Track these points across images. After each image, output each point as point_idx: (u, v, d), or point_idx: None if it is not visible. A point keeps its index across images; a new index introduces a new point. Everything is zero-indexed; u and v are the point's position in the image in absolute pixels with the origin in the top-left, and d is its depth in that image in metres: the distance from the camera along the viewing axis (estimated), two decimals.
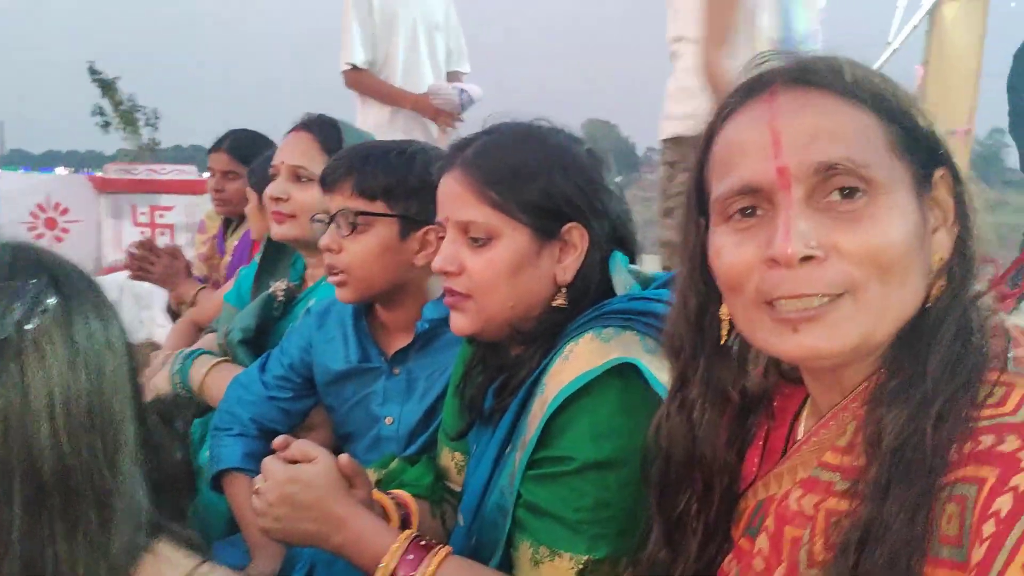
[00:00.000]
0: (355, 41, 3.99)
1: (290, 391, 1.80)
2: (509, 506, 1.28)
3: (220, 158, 3.34)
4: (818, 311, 0.83)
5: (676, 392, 1.05)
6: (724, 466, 1.03)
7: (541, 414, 1.22)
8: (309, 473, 1.29)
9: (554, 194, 1.29)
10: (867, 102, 0.85)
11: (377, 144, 1.73)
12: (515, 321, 1.32)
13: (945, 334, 0.82)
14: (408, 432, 1.70)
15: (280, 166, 2.08)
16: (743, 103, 0.90)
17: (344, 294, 1.68)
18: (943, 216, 0.87)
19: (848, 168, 0.81)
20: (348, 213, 1.65)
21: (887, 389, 0.83)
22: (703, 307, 1.00)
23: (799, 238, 0.81)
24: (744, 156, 0.87)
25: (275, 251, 2.29)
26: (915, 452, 0.77)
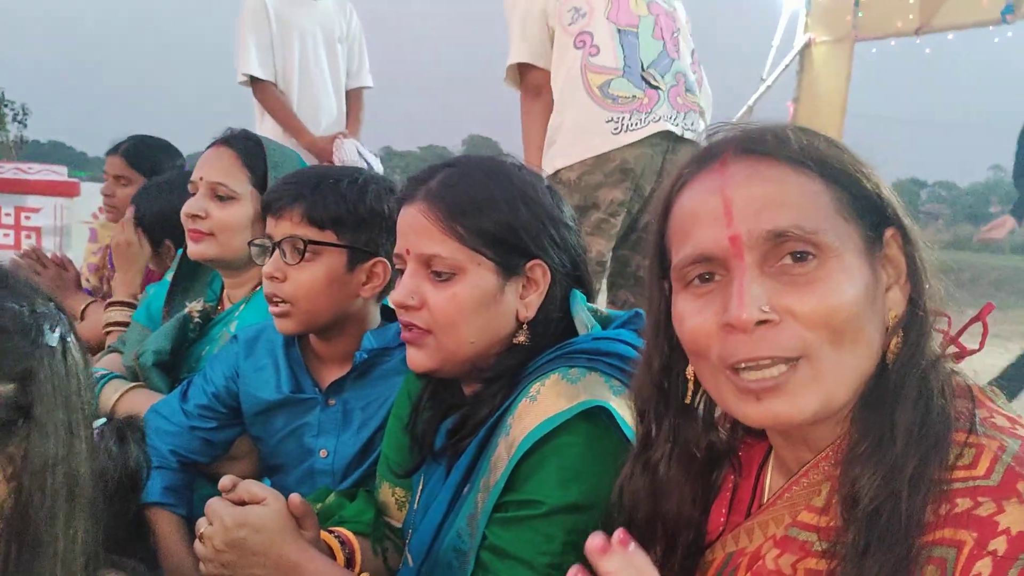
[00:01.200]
0: (251, 51, 3.87)
1: (213, 421, 1.71)
2: (467, 548, 1.25)
3: (115, 162, 3.16)
4: (777, 381, 0.86)
5: (640, 452, 1.06)
6: (688, 522, 1.05)
7: (507, 456, 1.20)
8: (259, 516, 1.23)
9: (519, 230, 1.28)
10: (814, 168, 0.88)
11: (327, 171, 1.67)
12: (475, 358, 1.30)
13: (908, 396, 0.85)
14: (344, 465, 1.65)
15: (199, 182, 1.98)
16: (696, 173, 0.94)
17: (286, 325, 1.61)
18: (896, 274, 0.90)
19: (797, 235, 0.85)
20: (296, 240, 1.58)
21: (859, 451, 0.86)
22: (667, 368, 1.03)
23: (753, 303, 0.84)
24: (698, 225, 0.90)
25: (190, 269, 2.17)
26: (891, 515, 0.80)
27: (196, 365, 2.00)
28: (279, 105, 3.94)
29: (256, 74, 3.87)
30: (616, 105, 2.86)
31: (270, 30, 3.92)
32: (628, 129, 2.85)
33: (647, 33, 2.94)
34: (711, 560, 1.03)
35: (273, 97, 3.94)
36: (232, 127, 2.06)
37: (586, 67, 2.90)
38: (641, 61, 2.90)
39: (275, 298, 1.60)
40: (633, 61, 2.90)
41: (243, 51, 3.89)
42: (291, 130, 3.90)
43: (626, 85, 2.87)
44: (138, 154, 3.16)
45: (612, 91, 2.87)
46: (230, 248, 1.98)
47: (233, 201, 1.97)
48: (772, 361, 0.85)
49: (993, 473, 0.78)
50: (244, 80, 3.93)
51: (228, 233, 1.97)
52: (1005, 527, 0.74)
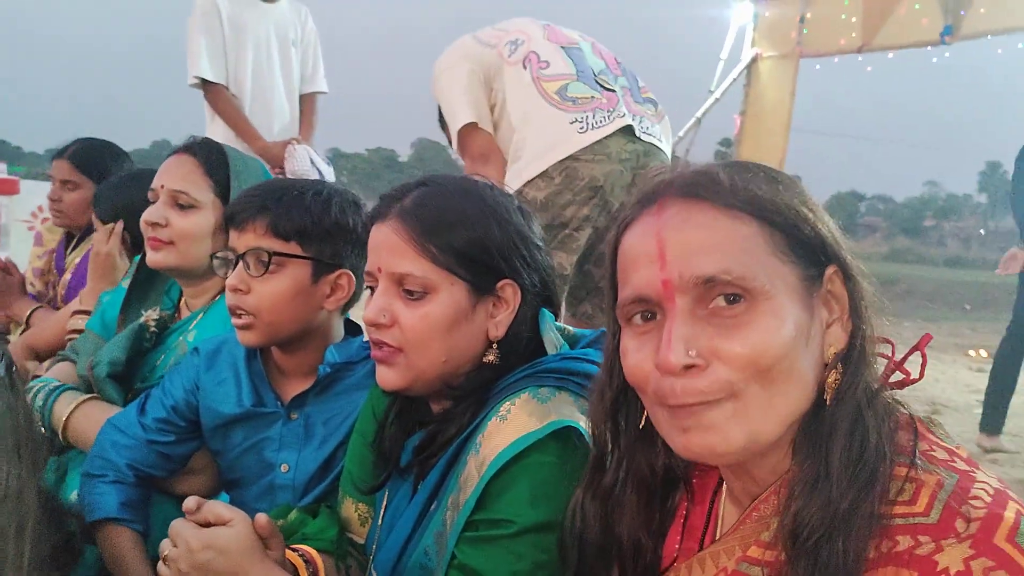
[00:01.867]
0: (202, 54, 3.80)
1: (172, 435, 1.69)
2: (433, 565, 1.26)
3: (61, 166, 3.08)
4: (700, 410, 0.88)
5: (592, 477, 1.09)
6: (640, 547, 1.07)
7: (478, 475, 1.21)
8: (225, 538, 1.21)
9: (491, 249, 1.29)
10: (748, 211, 0.90)
11: (291, 183, 1.66)
12: (445, 376, 1.31)
13: (841, 431, 0.87)
14: (305, 480, 1.64)
15: (160, 190, 1.95)
16: (638, 215, 0.96)
17: (249, 338, 1.59)
18: (839, 310, 0.92)
19: (726, 280, 0.87)
20: (261, 252, 1.57)
21: (797, 487, 0.88)
22: (617, 400, 1.05)
23: (680, 348, 0.87)
24: (636, 267, 0.93)
25: (147, 277, 2.13)
26: (830, 552, 0.82)
27: (151, 375, 1.97)
28: (231, 109, 3.88)
29: (207, 77, 3.81)
30: (577, 106, 2.86)
31: (222, 32, 3.86)
32: (593, 127, 2.84)
33: (588, 51, 2.99)
34: None
35: (225, 100, 3.88)
36: (195, 135, 2.04)
37: (539, 79, 2.91)
38: (591, 68, 2.93)
39: (238, 310, 1.58)
40: (584, 68, 2.92)
41: (194, 53, 3.82)
42: (243, 135, 3.85)
43: (583, 88, 2.87)
44: (85, 158, 3.09)
45: (570, 94, 2.88)
46: (190, 257, 1.95)
47: (194, 210, 1.94)
48: (700, 404, 0.88)
49: (932, 510, 0.80)
50: (195, 83, 3.86)
51: (188, 242, 1.94)
52: (944, 567, 0.76)
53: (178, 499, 1.72)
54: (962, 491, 0.81)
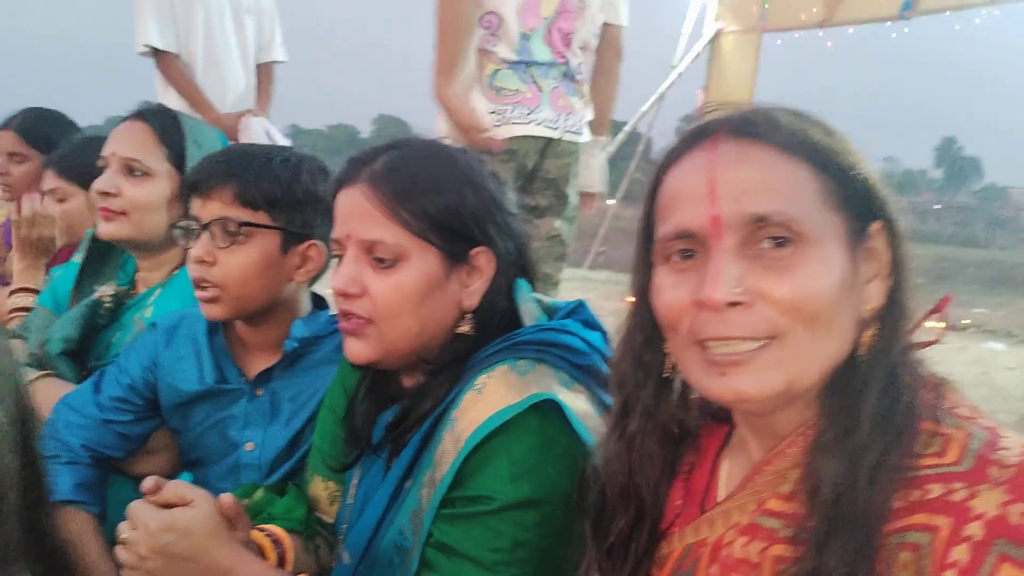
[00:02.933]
0: (149, 19, 3.65)
1: (129, 414, 1.61)
2: (409, 545, 1.21)
3: (7, 138, 2.96)
4: (744, 356, 0.86)
5: (617, 423, 1.05)
6: (657, 498, 1.04)
7: (454, 451, 1.16)
8: (186, 519, 1.15)
9: (465, 215, 1.23)
10: (803, 155, 0.88)
11: (258, 149, 1.57)
12: (418, 349, 1.25)
13: (874, 387, 0.86)
14: (271, 459, 1.57)
15: (111, 157, 1.86)
16: (687, 150, 0.93)
17: (214, 311, 1.52)
18: (878, 267, 0.91)
19: (778, 221, 0.85)
20: (228, 222, 1.49)
21: (823, 439, 0.87)
22: (648, 341, 1.02)
23: (726, 284, 0.85)
24: (683, 202, 0.90)
25: (100, 251, 2.04)
26: (851, 503, 0.81)
27: (106, 352, 1.89)
28: (182, 78, 3.73)
29: (156, 45, 3.66)
30: (499, 97, 2.93)
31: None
32: (510, 122, 2.91)
33: (539, 37, 2.97)
34: (668, 552, 1.02)
35: (175, 70, 3.73)
36: (149, 101, 1.95)
37: (484, 51, 2.94)
38: (531, 55, 2.94)
39: (203, 283, 1.51)
40: (524, 55, 2.94)
41: (141, 20, 3.66)
42: (195, 105, 3.71)
43: (511, 78, 2.93)
44: (32, 129, 2.97)
45: (497, 83, 2.93)
46: (144, 228, 1.87)
47: (147, 178, 1.86)
48: (741, 340, 0.86)
49: (964, 460, 0.79)
50: (144, 51, 3.71)
51: (142, 212, 1.86)
52: (980, 512, 0.74)
53: (137, 480, 1.65)
54: (992, 442, 0.80)
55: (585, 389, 1.24)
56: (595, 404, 1.23)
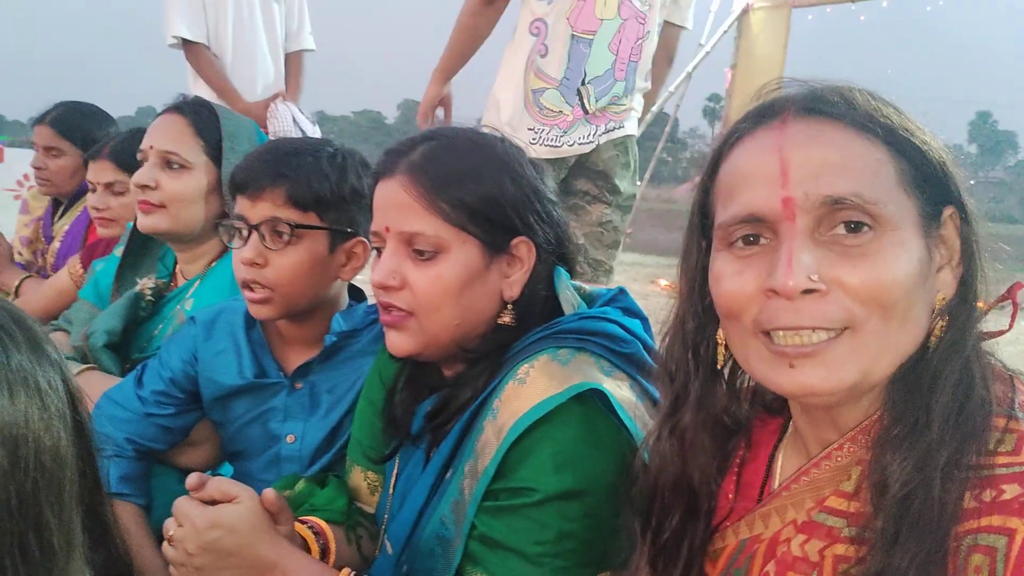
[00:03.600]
0: (178, 11, 3.66)
1: (171, 407, 1.62)
2: (452, 536, 1.21)
3: (42, 132, 2.99)
4: (816, 348, 0.82)
5: (669, 415, 1.02)
6: (711, 492, 1.02)
7: (496, 441, 1.16)
8: (232, 516, 1.16)
9: (505, 205, 1.22)
10: (879, 135, 0.84)
11: (304, 146, 1.55)
12: (459, 340, 1.25)
13: (948, 381, 0.82)
14: (312, 450, 1.58)
15: (149, 151, 1.87)
16: (753, 129, 0.89)
17: (264, 312, 1.52)
18: (948, 255, 0.87)
19: (856, 203, 0.80)
20: (280, 224, 1.48)
21: (891, 435, 0.83)
22: (700, 330, 0.98)
23: (801, 270, 0.80)
24: (750, 184, 0.86)
25: (140, 244, 2.06)
26: (923, 503, 0.77)
27: (148, 345, 1.92)
28: (212, 69, 3.74)
29: (185, 36, 3.66)
30: (541, 116, 2.90)
31: None
32: (544, 143, 2.90)
33: (602, 43, 2.87)
34: (722, 547, 1.00)
35: (205, 60, 3.74)
36: (184, 94, 1.96)
37: (531, 63, 2.89)
38: (585, 72, 2.88)
39: (254, 284, 1.50)
40: (574, 73, 2.87)
41: (171, 11, 3.67)
42: (224, 95, 3.71)
43: (557, 99, 2.88)
44: (68, 123, 3.00)
45: (543, 101, 2.90)
46: (183, 221, 1.88)
47: (185, 171, 1.87)
48: (813, 330, 0.82)
49: None
50: (174, 43, 3.72)
51: (180, 205, 1.87)
52: None
53: (180, 472, 1.68)
54: None
55: (627, 377, 1.23)
56: (637, 392, 1.22)
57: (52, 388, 0.80)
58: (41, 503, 0.77)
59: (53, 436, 0.79)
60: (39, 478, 0.77)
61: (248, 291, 1.51)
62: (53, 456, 0.79)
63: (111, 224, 2.46)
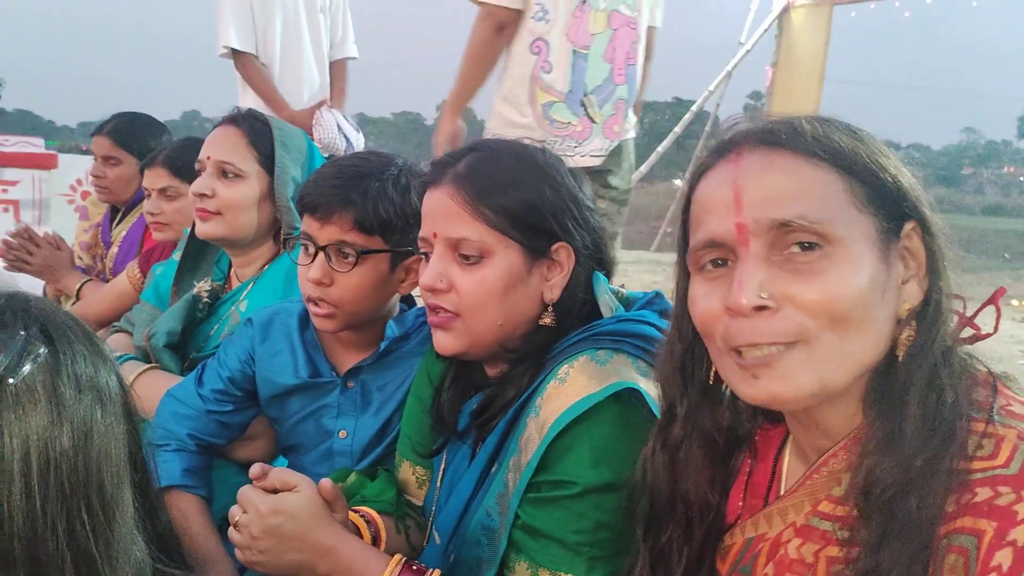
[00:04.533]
0: (229, 22, 3.77)
1: (230, 404, 1.72)
2: (497, 526, 1.28)
3: (101, 142, 3.11)
4: (771, 357, 0.88)
5: (661, 430, 1.10)
6: (705, 504, 1.08)
7: (539, 437, 1.23)
8: (292, 503, 1.25)
9: (545, 212, 1.29)
10: (828, 160, 0.90)
11: (370, 169, 1.60)
12: (502, 340, 1.32)
13: (916, 388, 0.86)
14: (362, 446, 1.66)
15: (206, 161, 1.97)
16: (714, 163, 0.97)
17: (328, 325, 1.60)
18: (916, 266, 0.92)
19: (801, 225, 0.87)
20: (346, 247, 1.55)
21: (873, 442, 0.88)
22: (689, 350, 1.06)
23: (753, 289, 0.87)
24: (711, 213, 0.94)
25: (197, 248, 2.17)
26: (904, 508, 0.82)
27: (205, 344, 2.01)
28: (260, 78, 3.86)
29: (235, 46, 3.78)
30: (552, 128, 2.97)
31: (250, 1, 3.85)
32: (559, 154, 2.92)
33: (597, 54, 3.00)
34: (730, 544, 1.06)
35: (254, 70, 3.87)
36: (239, 106, 2.05)
37: (536, 79, 2.97)
38: (585, 85, 2.99)
39: (321, 302, 1.57)
40: (578, 86, 2.99)
41: (222, 22, 3.80)
42: (271, 104, 3.83)
43: (565, 112, 2.98)
44: (125, 133, 3.11)
45: (552, 114, 2.99)
46: (237, 227, 1.97)
47: (240, 180, 1.96)
48: (769, 345, 0.88)
49: (1013, 462, 0.79)
50: (225, 52, 3.85)
51: (235, 212, 1.96)
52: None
53: (239, 464, 1.78)
54: None
55: None
56: None
57: (109, 386, 0.91)
58: (104, 478, 0.88)
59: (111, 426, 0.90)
60: (103, 461, 0.88)
61: (314, 306, 1.58)
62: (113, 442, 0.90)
63: (165, 228, 2.57)
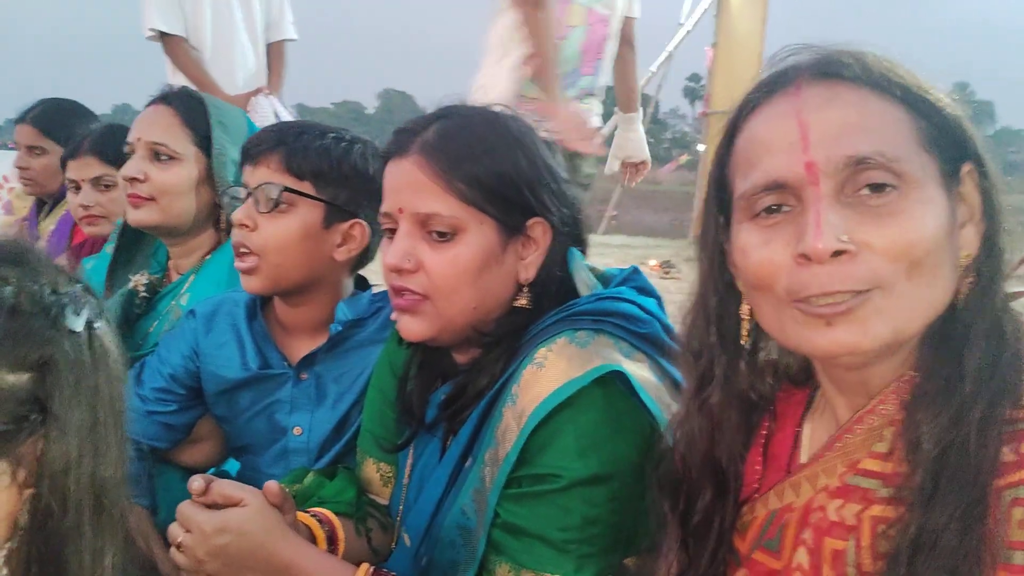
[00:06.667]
0: (155, 4, 3.58)
1: (173, 404, 1.59)
2: (474, 526, 1.18)
3: (24, 131, 2.92)
4: (849, 305, 0.81)
5: (696, 394, 1.01)
6: (738, 469, 1.00)
7: (518, 427, 1.13)
8: (240, 519, 1.12)
9: (522, 185, 1.19)
10: (895, 95, 0.84)
11: (314, 126, 1.55)
12: (475, 324, 1.21)
13: (978, 336, 0.81)
14: (320, 442, 1.55)
15: (136, 143, 1.83)
16: (767, 98, 0.88)
17: (252, 283, 1.50)
18: (970, 212, 0.86)
19: (879, 162, 0.80)
20: (272, 188, 1.46)
21: (924, 392, 0.82)
22: (723, 307, 0.97)
23: (831, 232, 0.80)
24: (770, 152, 0.85)
25: (132, 240, 2.01)
26: (959, 457, 0.77)
27: (144, 342, 1.87)
28: (190, 62, 3.67)
29: (162, 28, 3.59)
30: (522, 103, 2.95)
31: None
32: None
33: (572, 46, 3.05)
34: (751, 519, 0.98)
35: (183, 53, 3.67)
36: (170, 84, 1.91)
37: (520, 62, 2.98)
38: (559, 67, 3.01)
39: (242, 248, 1.48)
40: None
41: (147, 3, 3.61)
42: (204, 88, 3.60)
43: (533, 88, 2.98)
44: (50, 121, 2.93)
45: (523, 90, 2.99)
46: (173, 213, 1.84)
47: (174, 162, 1.83)
48: (844, 293, 0.81)
49: None
50: (151, 35, 3.65)
51: (170, 197, 1.82)
52: None
53: (185, 470, 1.65)
54: None
55: (647, 358, 1.20)
56: (657, 373, 1.20)
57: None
58: None
59: None
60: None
61: (238, 259, 1.50)
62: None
63: (100, 221, 2.40)
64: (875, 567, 0.83)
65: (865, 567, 0.84)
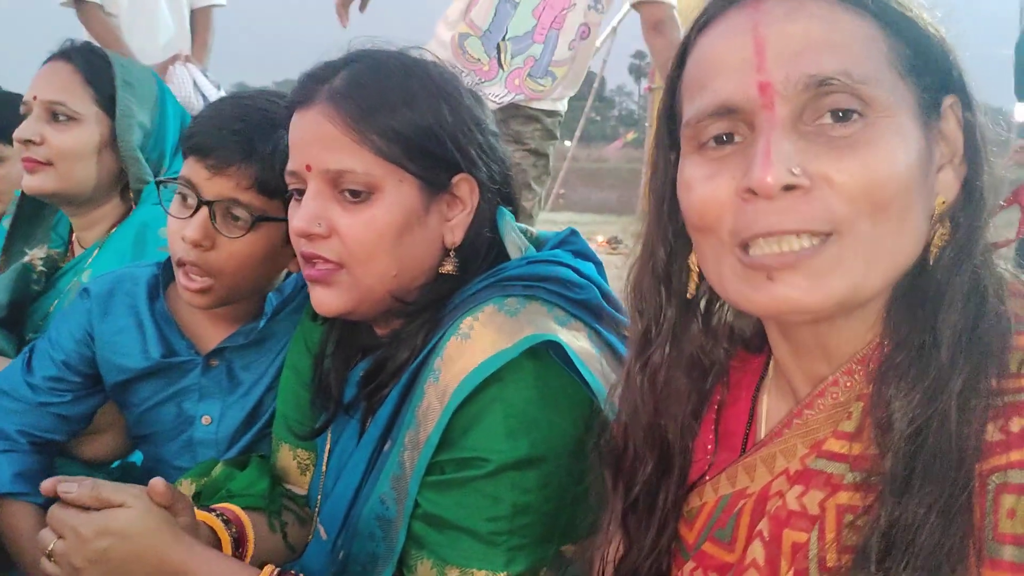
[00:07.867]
0: None
1: (67, 393, 1.42)
2: (393, 516, 1.06)
3: None
4: (798, 256, 0.71)
5: (639, 354, 0.90)
6: (684, 441, 0.90)
7: (440, 406, 1.01)
8: (123, 519, 0.99)
9: (444, 137, 1.07)
10: (868, 9, 0.73)
11: (280, 116, 1.20)
12: (396, 294, 1.09)
13: (956, 295, 0.71)
14: (230, 433, 1.40)
15: (32, 102, 1.67)
16: (723, 11, 0.77)
17: (198, 301, 1.31)
18: (950, 153, 0.76)
19: (844, 84, 0.70)
20: (240, 209, 1.26)
21: (895, 362, 0.72)
22: (672, 256, 0.86)
23: (781, 163, 0.69)
24: (721, 71, 0.74)
25: (30, 212, 1.85)
26: (937, 438, 0.67)
27: (43, 323, 1.72)
28: (104, 29, 3.43)
29: None
30: (463, 59, 2.98)
31: None
32: None
33: (527, 7, 2.97)
34: (699, 505, 0.88)
35: (98, 20, 3.44)
36: (72, 39, 1.75)
37: (467, 9, 2.97)
38: (506, 30, 2.98)
39: (195, 269, 1.28)
40: (497, 28, 2.98)
41: None
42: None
43: (478, 48, 2.98)
44: None
45: (467, 46, 2.99)
46: (73, 180, 1.69)
47: (74, 123, 1.68)
48: (797, 234, 0.70)
49: None
50: (65, 1, 3.45)
51: (69, 162, 1.68)
52: None
53: (86, 463, 1.52)
54: None
55: (584, 326, 1.10)
56: (596, 343, 1.09)
57: None
58: None
59: None
60: None
61: (185, 278, 1.29)
62: None
63: None
64: (840, 562, 0.72)
65: (829, 562, 0.73)
